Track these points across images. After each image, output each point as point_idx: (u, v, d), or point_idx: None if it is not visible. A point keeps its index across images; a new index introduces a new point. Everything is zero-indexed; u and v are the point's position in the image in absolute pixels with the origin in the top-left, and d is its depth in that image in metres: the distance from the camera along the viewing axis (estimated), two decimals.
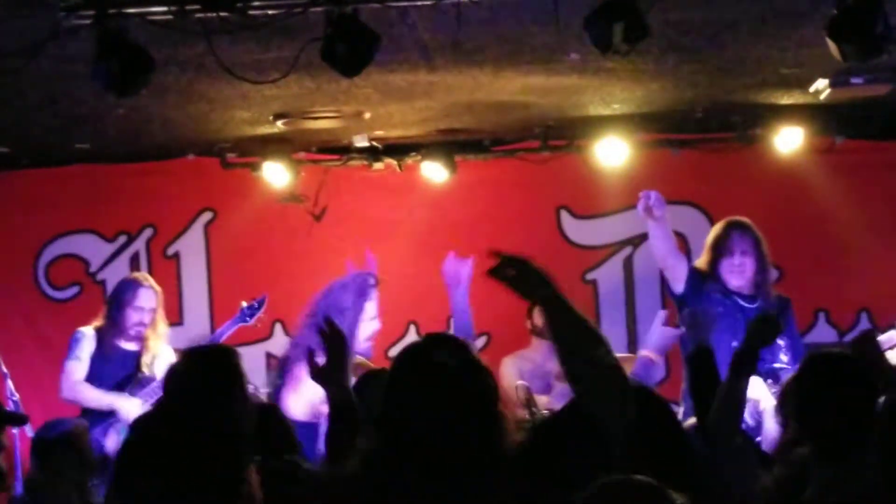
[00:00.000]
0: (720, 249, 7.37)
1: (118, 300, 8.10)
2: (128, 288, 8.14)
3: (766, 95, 8.41)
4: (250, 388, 4.84)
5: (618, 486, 3.13)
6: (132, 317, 7.97)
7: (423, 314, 9.11)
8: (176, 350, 8.44)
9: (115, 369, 7.95)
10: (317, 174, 9.69)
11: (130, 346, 8.02)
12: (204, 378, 4.54)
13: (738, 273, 7.27)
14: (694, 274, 7.48)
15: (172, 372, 4.68)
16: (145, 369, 7.99)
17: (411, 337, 9.30)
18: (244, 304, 8.28)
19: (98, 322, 8.11)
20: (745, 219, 7.58)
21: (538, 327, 8.28)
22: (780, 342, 6.81)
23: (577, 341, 3.57)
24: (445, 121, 8.79)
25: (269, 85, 6.69)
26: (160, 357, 8.05)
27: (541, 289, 3.65)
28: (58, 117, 8.17)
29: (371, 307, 6.58)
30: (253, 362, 7.79)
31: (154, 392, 7.74)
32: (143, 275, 8.52)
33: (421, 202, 9.63)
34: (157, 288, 8.23)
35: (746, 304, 7.24)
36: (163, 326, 8.17)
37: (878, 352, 5.28)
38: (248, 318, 8.23)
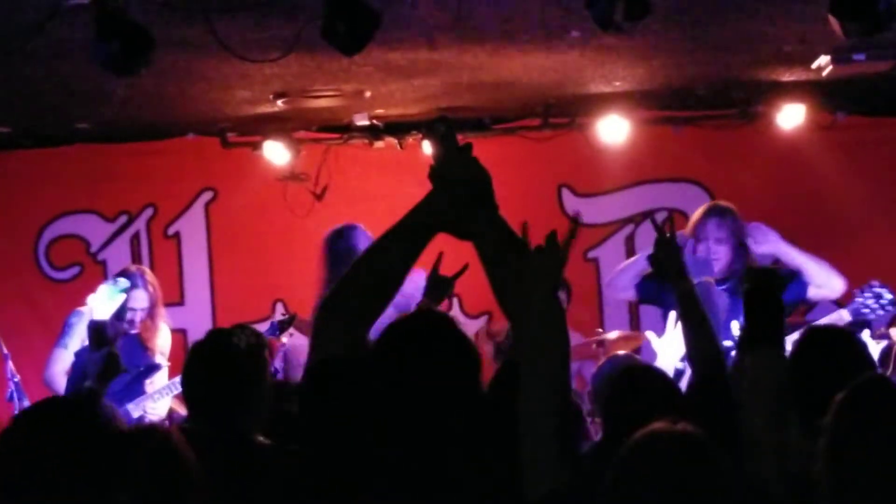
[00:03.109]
0: (696, 236, 7.32)
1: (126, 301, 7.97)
2: None
3: (768, 72, 8.39)
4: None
5: (660, 438, 3.20)
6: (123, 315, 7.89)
7: None
8: (174, 331, 8.42)
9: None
10: (317, 153, 9.68)
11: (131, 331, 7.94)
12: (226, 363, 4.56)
13: (715, 261, 7.21)
14: (644, 283, 7.41)
15: (194, 355, 4.69)
16: (159, 359, 7.92)
17: None
18: (275, 319, 8.22)
19: None
20: (726, 204, 7.52)
21: None
22: (735, 321, 6.82)
23: (504, 250, 3.49)
24: (446, 99, 8.77)
25: (270, 64, 6.67)
26: (164, 342, 8.02)
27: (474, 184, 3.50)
28: (58, 97, 8.15)
29: None
30: None
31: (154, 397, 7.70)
32: (141, 270, 8.33)
33: (422, 180, 9.58)
34: (154, 286, 8.10)
35: (716, 287, 7.19)
36: (158, 321, 8.06)
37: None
38: (276, 332, 8.15)
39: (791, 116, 9.11)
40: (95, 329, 5.85)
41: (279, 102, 8.40)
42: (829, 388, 3.89)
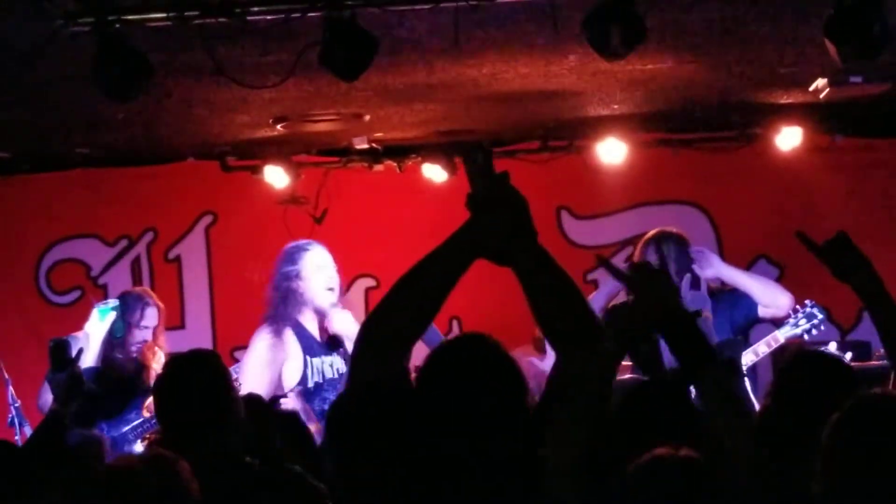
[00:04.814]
0: None
1: (122, 319, 7.93)
2: (134, 308, 7.93)
3: (766, 94, 8.41)
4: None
5: (662, 463, 3.25)
6: (137, 336, 7.88)
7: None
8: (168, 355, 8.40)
9: (123, 382, 7.86)
10: (317, 176, 9.70)
11: (128, 358, 7.92)
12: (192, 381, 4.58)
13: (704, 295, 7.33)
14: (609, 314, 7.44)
15: (158, 391, 4.70)
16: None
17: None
18: None
19: None
20: (671, 230, 7.58)
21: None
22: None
23: (562, 291, 3.52)
24: (445, 122, 8.79)
25: (269, 89, 6.69)
26: (160, 367, 7.99)
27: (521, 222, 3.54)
28: (58, 122, 8.17)
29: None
30: None
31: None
32: (146, 291, 8.34)
33: (422, 203, 9.63)
34: (161, 304, 8.12)
35: None
36: (162, 340, 8.08)
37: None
38: None
39: (789, 138, 9.12)
40: (56, 349, 5.79)
41: (279, 126, 8.42)
42: (816, 411, 3.90)
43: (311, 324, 7.56)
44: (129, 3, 5.74)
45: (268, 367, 7.39)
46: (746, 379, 7.30)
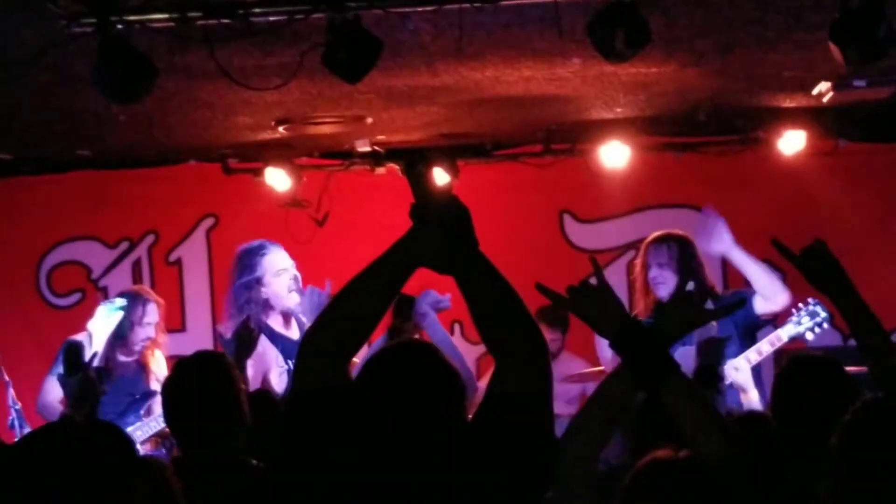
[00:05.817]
0: (644, 266, 7.50)
1: (127, 318, 7.92)
2: (135, 305, 7.84)
3: (769, 98, 8.40)
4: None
5: (663, 466, 3.26)
6: (140, 334, 7.85)
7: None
8: (169, 358, 8.37)
9: (124, 383, 7.83)
10: (319, 179, 9.69)
11: (131, 358, 7.91)
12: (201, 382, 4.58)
13: (658, 285, 7.38)
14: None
15: (167, 391, 4.70)
16: (156, 386, 7.88)
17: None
18: None
19: None
20: (674, 232, 7.56)
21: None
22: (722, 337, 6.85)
23: (503, 301, 3.51)
24: (447, 125, 8.78)
25: (271, 90, 6.68)
26: (159, 368, 7.99)
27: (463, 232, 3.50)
28: (59, 124, 8.16)
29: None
30: None
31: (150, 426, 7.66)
32: (144, 288, 8.32)
33: None
34: (160, 300, 8.09)
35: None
36: (163, 337, 8.05)
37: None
38: None
39: (792, 142, 9.11)
40: (70, 351, 5.74)
41: (281, 129, 8.41)
42: (817, 414, 3.89)
43: (281, 326, 7.39)
44: (132, 5, 5.73)
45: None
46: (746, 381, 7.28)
